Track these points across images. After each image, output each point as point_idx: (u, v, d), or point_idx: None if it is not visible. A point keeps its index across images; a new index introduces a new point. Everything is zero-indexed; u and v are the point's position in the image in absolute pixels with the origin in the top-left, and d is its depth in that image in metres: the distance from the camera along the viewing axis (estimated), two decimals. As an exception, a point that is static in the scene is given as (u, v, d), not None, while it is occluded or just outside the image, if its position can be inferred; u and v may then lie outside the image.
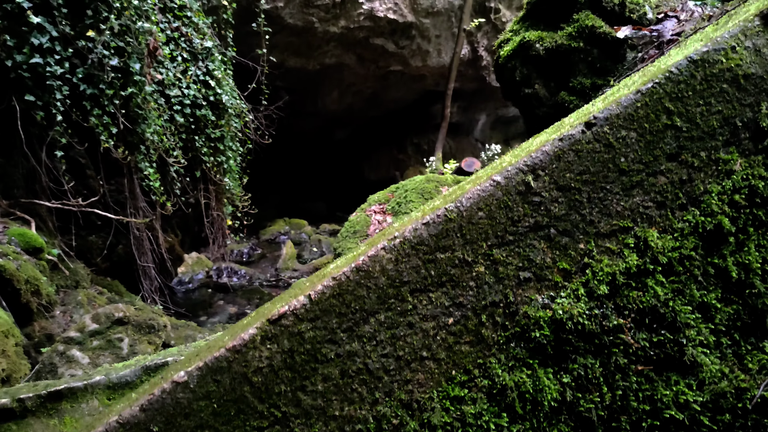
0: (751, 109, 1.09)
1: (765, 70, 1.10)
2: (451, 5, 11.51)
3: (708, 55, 1.08)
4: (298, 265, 9.93)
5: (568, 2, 1.94)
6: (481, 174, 1.14)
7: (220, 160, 6.81)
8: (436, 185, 7.58)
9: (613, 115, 1.07)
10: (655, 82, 1.07)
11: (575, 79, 1.88)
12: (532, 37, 1.93)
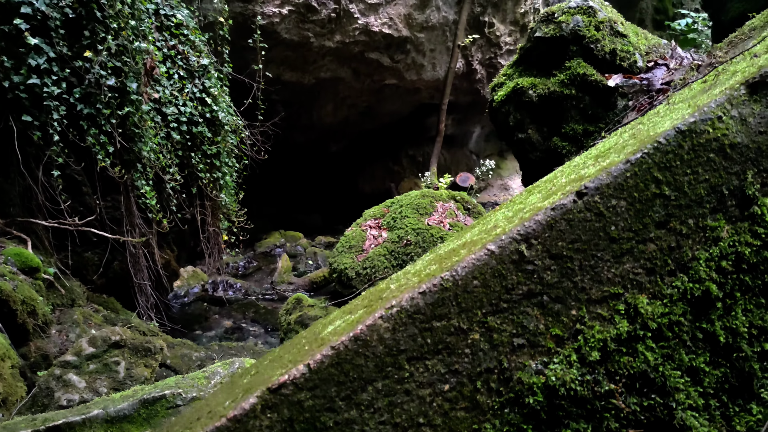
0: (737, 177, 1.13)
1: (750, 139, 1.13)
2: (446, 20, 11.59)
3: (695, 126, 1.11)
4: (293, 278, 9.93)
5: (560, 50, 1.97)
6: (476, 238, 1.17)
7: (216, 176, 6.83)
8: (431, 200, 7.63)
9: (604, 184, 1.10)
10: (644, 152, 1.10)
11: (568, 125, 1.92)
12: (525, 83, 1.97)
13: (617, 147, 1.23)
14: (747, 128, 1.12)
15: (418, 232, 7.09)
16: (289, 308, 7.33)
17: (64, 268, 5.34)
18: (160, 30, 6.15)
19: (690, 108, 1.17)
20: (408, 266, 1.33)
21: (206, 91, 6.52)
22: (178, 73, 6.25)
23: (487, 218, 1.36)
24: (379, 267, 7.03)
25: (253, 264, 10.93)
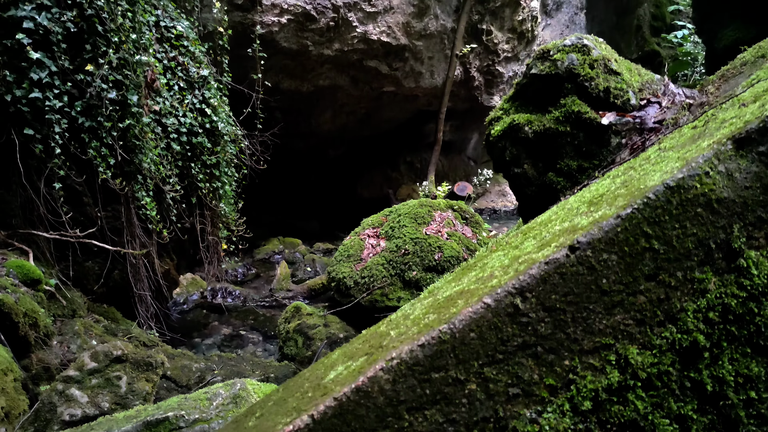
0: (723, 230, 1.17)
1: (737, 194, 1.17)
2: (444, 28, 11.65)
3: (683, 181, 1.16)
4: (292, 286, 9.96)
5: (556, 87, 2.02)
6: (473, 287, 1.21)
7: (216, 186, 6.87)
8: (429, 210, 7.67)
9: (595, 239, 1.14)
10: (634, 208, 1.14)
11: (562, 161, 1.96)
12: (521, 120, 2.01)
13: (609, 196, 1.27)
14: (733, 183, 1.16)
15: (416, 242, 7.14)
16: (288, 316, 7.37)
17: (65, 278, 5.38)
18: (160, 41, 6.19)
19: (679, 161, 1.21)
20: (407, 307, 1.37)
21: (206, 102, 6.56)
22: (178, 84, 6.30)
23: (483, 260, 1.40)
24: (378, 276, 7.07)
25: (252, 271, 10.96)
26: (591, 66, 1.98)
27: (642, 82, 2.09)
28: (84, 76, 4.88)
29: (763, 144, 1.17)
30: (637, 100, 1.98)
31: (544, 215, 1.53)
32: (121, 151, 5.23)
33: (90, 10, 4.79)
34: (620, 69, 2.01)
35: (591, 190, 1.45)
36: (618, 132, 1.90)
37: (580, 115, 1.96)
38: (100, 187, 5.27)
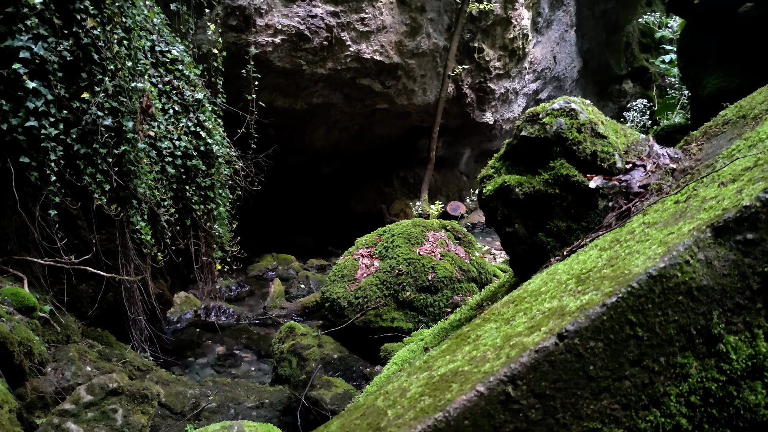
0: (704, 317, 1.23)
1: (716, 282, 1.23)
2: (436, 46, 11.76)
3: (665, 270, 1.21)
4: (286, 303, 9.97)
5: (545, 149, 2.08)
6: (467, 369, 1.25)
7: (210, 207, 6.90)
8: (422, 230, 7.72)
9: (582, 327, 1.19)
10: (619, 297, 1.20)
11: (552, 222, 2.02)
12: (511, 181, 2.07)
13: (595, 275, 1.32)
14: (712, 271, 1.22)
15: (410, 262, 7.18)
16: (282, 336, 7.38)
17: (60, 303, 5.39)
18: (155, 66, 6.24)
19: (661, 246, 1.27)
20: (403, 377, 1.41)
21: (201, 125, 6.60)
22: (173, 108, 6.33)
23: (477, 330, 1.44)
24: (372, 297, 7.10)
25: (246, 288, 10.96)
26: (578, 130, 2.04)
27: (628, 144, 2.15)
28: (80, 104, 4.91)
29: (740, 233, 1.23)
30: (623, 163, 2.04)
31: (534, 283, 1.58)
32: (117, 177, 5.26)
33: (86, 39, 4.83)
34: (607, 132, 2.07)
35: (579, 261, 1.51)
36: (605, 195, 1.96)
37: (568, 178, 2.01)
38: (95, 212, 5.30)
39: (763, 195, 1.23)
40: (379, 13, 10.49)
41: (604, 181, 1.95)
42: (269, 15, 9.10)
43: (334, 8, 9.92)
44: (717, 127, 2.06)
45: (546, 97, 16.19)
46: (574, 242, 1.93)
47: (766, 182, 1.26)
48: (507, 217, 2.10)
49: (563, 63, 16.01)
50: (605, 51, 17.21)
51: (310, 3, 9.59)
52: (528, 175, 2.06)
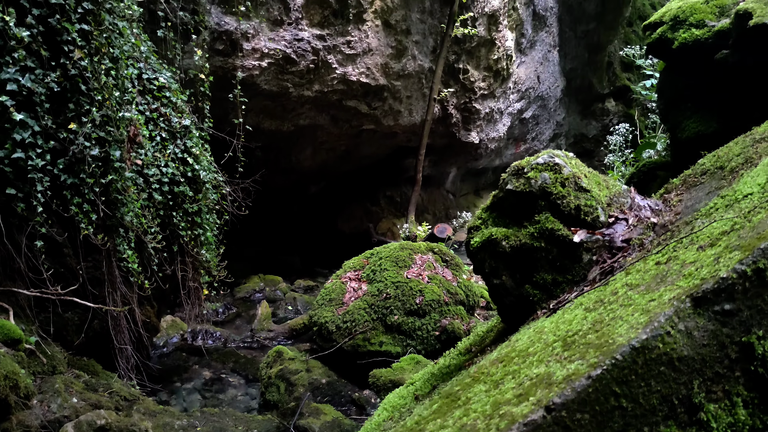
0: (685, 386, 1.27)
1: (696, 352, 1.27)
2: (422, 68, 11.87)
3: (647, 342, 1.25)
4: (273, 326, 9.94)
5: (530, 203, 2.13)
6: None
7: (197, 233, 6.90)
8: (409, 253, 7.76)
9: (569, 400, 1.23)
10: (604, 369, 1.24)
11: (538, 275, 2.07)
12: (498, 234, 2.12)
13: (580, 342, 1.36)
14: (692, 341, 1.26)
15: (398, 286, 7.21)
16: (270, 361, 7.37)
17: (45, 333, 5.35)
18: (142, 94, 6.25)
19: (643, 315, 1.31)
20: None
21: (188, 151, 6.62)
22: (161, 135, 6.35)
23: (467, 392, 1.47)
24: (360, 321, 7.12)
25: (233, 310, 10.90)
26: (562, 184, 2.09)
27: (611, 196, 2.20)
28: (67, 134, 4.91)
29: (718, 304, 1.28)
30: (606, 217, 2.09)
31: (522, 340, 1.62)
32: (103, 206, 5.25)
33: (74, 70, 4.84)
34: (590, 185, 2.12)
35: (565, 321, 1.55)
36: (589, 249, 2.01)
37: (553, 232, 2.06)
38: (81, 241, 5.28)
39: (739, 266, 1.28)
40: (364, 36, 10.59)
41: (588, 235, 2.00)
42: (256, 39, 9.16)
43: (320, 31, 10.00)
44: (695, 177, 2.12)
45: (530, 116, 16.36)
46: (560, 295, 1.98)
47: (742, 252, 1.31)
48: (494, 269, 2.14)
49: (547, 82, 16.21)
50: (588, 70, 17.45)
51: (297, 27, 9.66)
52: (514, 227, 2.11)
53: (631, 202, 2.14)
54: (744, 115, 3.19)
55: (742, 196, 1.68)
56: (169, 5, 7.50)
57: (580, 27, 16.46)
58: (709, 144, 2.96)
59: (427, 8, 11.49)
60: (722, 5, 3.63)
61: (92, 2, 4.91)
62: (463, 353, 2.47)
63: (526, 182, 2.10)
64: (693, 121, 3.51)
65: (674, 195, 2.12)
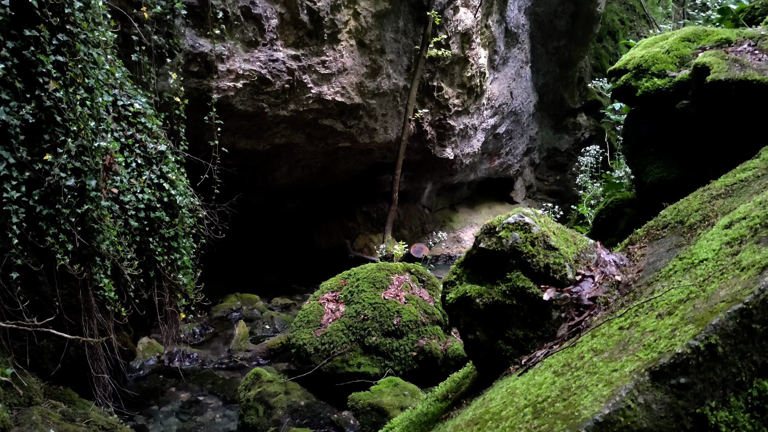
0: None
1: (654, 424, 1.36)
2: (396, 86, 12.00)
3: (610, 416, 1.34)
4: (251, 346, 9.92)
5: (502, 261, 2.22)
6: None
7: (174, 257, 6.89)
8: (387, 273, 7.83)
9: None
10: None
11: (510, 330, 2.15)
12: (472, 292, 2.20)
13: (549, 408, 1.44)
14: (651, 414, 1.35)
15: (375, 307, 7.27)
16: (248, 383, 7.37)
17: (21, 364, 5.32)
18: (117, 120, 6.25)
19: (606, 387, 1.40)
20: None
21: (164, 176, 6.62)
22: (136, 161, 6.35)
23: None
24: (338, 342, 7.16)
25: (210, 330, 10.85)
26: (532, 243, 2.18)
27: (578, 251, 2.30)
28: (42, 165, 4.90)
29: (674, 377, 1.37)
30: (573, 274, 2.19)
31: (496, 401, 1.69)
32: (79, 236, 5.24)
33: (49, 101, 4.85)
34: (558, 243, 2.22)
35: (536, 384, 1.62)
36: (558, 306, 2.10)
37: (524, 290, 2.15)
38: (57, 270, 5.26)
39: (693, 342, 1.37)
40: (339, 55, 10.68)
41: (557, 293, 2.09)
42: (231, 60, 9.19)
43: (295, 52, 10.07)
44: (658, 229, 2.23)
45: (504, 131, 16.58)
46: (531, 350, 2.07)
47: (696, 327, 1.40)
48: (469, 325, 2.22)
49: (520, 98, 16.46)
50: (559, 86, 17.75)
51: (272, 47, 9.72)
52: (487, 284, 2.19)
53: (597, 258, 2.24)
54: (704, 163, 3.33)
55: (698, 260, 1.78)
56: (143, 29, 7.51)
57: (552, 43, 16.77)
58: (672, 189, 3.10)
59: (401, 28, 11.63)
60: (682, 56, 3.79)
61: (67, 34, 4.92)
62: (440, 399, 2.55)
63: (498, 241, 2.19)
64: (656, 166, 3.64)
65: (638, 248, 2.22)
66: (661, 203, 2.62)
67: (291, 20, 9.78)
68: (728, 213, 1.92)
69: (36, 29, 4.67)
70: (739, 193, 2.14)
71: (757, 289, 1.40)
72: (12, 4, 4.55)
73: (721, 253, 1.71)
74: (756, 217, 1.71)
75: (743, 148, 2.74)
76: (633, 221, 3.83)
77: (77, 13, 5.00)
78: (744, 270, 1.52)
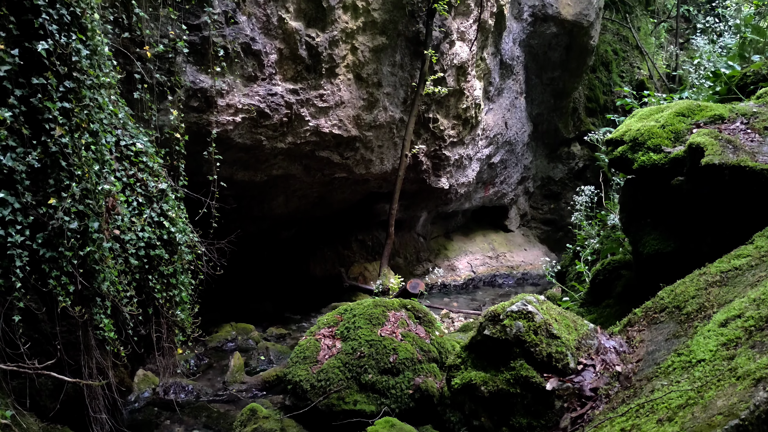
0: None
1: None
2: (392, 118, 12.15)
3: None
4: (246, 377, 9.90)
5: (506, 349, 2.30)
6: None
7: (172, 294, 6.94)
8: (383, 310, 7.88)
9: None
10: None
11: (514, 418, 2.23)
12: (477, 379, 2.28)
13: None
14: None
15: (372, 344, 7.31)
16: (244, 419, 7.37)
17: (20, 406, 5.33)
18: (120, 160, 6.33)
19: None
20: None
21: (164, 214, 6.69)
22: (137, 200, 6.42)
23: None
24: (334, 379, 7.19)
25: (205, 361, 10.83)
26: (535, 332, 2.26)
27: (579, 338, 2.38)
28: (46, 209, 4.96)
29: None
30: (575, 363, 2.27)
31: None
32: (81, 278, 5.30)
33: (54, 147, 4.92)
34: (560, 331, 2.30)
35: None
36: (560, 396, 2.18)
37: (528, 379, 2.23)
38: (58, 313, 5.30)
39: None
40: (337, 89, 10.83)
41: (559, 383, 2.16)
42: (230, 95, 9.31)
43: (293, 86, 10.20)
44: (656, 312, 2.32)
45: (498, 160, 16.74)
46: (533, 448, 2.14)
47: (693, 441, 1.47)
48: (474, 411, 2.29)
49: (514, 128, 16.64)
50: (554, 116, 17.97)
51: (271, 82, 9.85)
52: (492, 371, 2.27)
53: (597, 344, 2.32)
54: (700, 238, 3.42)
55: (695, 360, 1.86)
56: (146, 67, 7.63)
57: (546, 74, 17.00)
58: (668, 262, 3.19)
59: (397, 62, 11.80)
60: (677, 131, 3.91)
61: (74, 80, 5.02)
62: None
63: (502, 329, 2.27)
64: (653, 238, 3.74)
65: (637, 331, 2.30)
66: (658, 273, 2.70)
67: (290, 55, 9.93)
68: (724, 305, 2.00)
69: (44, 77, 4.77)
70: (733, 282, 2.23)
71: (752, 405, 1.47)
72: (21, 54, 4.65)
73: (717, 355, 1.79)
74: (750, 318, 1.79)
75: (738, 226, 2.83)
76: (630, 285, 3.93)
77: (84, 61, 5.10)
78: (740, 379, 1.60)
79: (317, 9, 9.97)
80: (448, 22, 12.32)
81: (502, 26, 14.60)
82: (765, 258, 2.26)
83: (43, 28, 4.67)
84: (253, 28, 9.26)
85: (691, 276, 2.49)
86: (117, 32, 7.21)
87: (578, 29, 16.26)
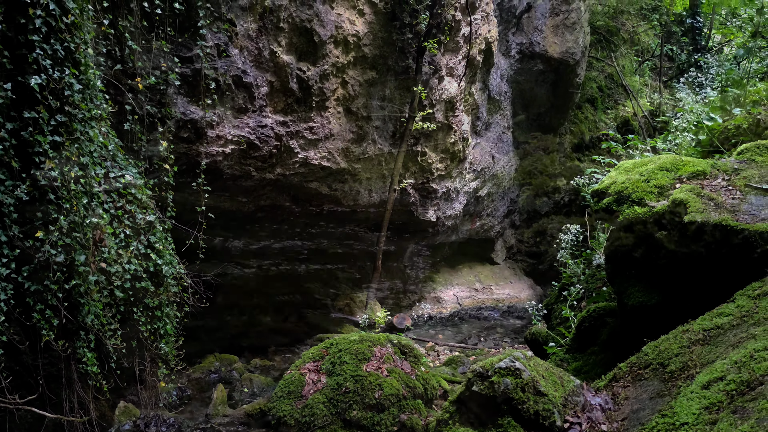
0: None
1: None
2: (381, 151, 12.24)
3: None
4: (229, 410, 9.78)
5: (494, 405, 2.33)
6: None
7: (157, 326, 6.89)
8: (369, 345, 7.86)
9: None
10: None
11: None
12: None
13: None
14: None
15: (357, 380, 7.27)
16: (226, 455, 7.28)
17: (-1, 442, 5.25)
18: (108, 192, 6.32)
19: None
20: None
21: (151, 246, 6.67)
22: (124, 232, 6.40)
23: None
24: (319, 415, 7.12)
25: (187, 392, 10.68)
26: (522, 389, 2.29)
27: (565, 394, 2.41)
28: (33, 242, 4.94)
29: None
30: (561, 421, 2.30)
31: None
32: (66, 311, 5.26)
33: (44, 180, 4.92)
34: (547, 388, 2.33)
35: None
36: None
37: None
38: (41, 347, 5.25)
39: None
40: (326, 122, 10.92)
41: None
42: (220, 126, 9.36)
43: (283, 118, 10.27)
44: (641, 368, 2.36)
45: (485, 194, 16.86)
46: None
47: None
48: None
49: (501, 162, 16.81)
50: (540, 150, 18.19)
51: (261, 113, 9.92)
52: (479, 428, 2.29)
53: (584, 402, 2.35)
54: (683, 292, 3.49)
55: (679, 423, 1.89)
56: (137, 99, 7.66)
57: (533, 110, 17.25)
58: (652, 314, 3.24)
59: (387, 96, 11.93)
60: (661, 186, 4.00)
61: (65, 114, 5.04)
62: None
63: (490, 386, 2.30)
64: (637, 290, 3.80)
65: (622, 387, 2.34)
66: (643, 324, 2.74)
67: (280, 88, 10.01)
68: (706, 365, 2.04)
69: (35, 110, 4.78)
70: (716, 341, 2.28)
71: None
72: (13, 88, 4.67)
73: (700, 419, 1.82)
74: (732, 381, 1.82)
75: (720, 282, 2.89)
76: (615, 333, 3.97)
77: (76, 95, 5.12)
78: (723, 451, 1.62)
79: (309, 43, 10.10)
80: (438, 58, 12.50)
81: (491, 62, 14.84)
82: (746, 318, 2.31)
83: (36, 63, 4.70)
84: (245, 61, 9.35)
85: (675, 332, 2.54)
86: (109, 64, 7.25)
87: (564, 67, 16.56)
